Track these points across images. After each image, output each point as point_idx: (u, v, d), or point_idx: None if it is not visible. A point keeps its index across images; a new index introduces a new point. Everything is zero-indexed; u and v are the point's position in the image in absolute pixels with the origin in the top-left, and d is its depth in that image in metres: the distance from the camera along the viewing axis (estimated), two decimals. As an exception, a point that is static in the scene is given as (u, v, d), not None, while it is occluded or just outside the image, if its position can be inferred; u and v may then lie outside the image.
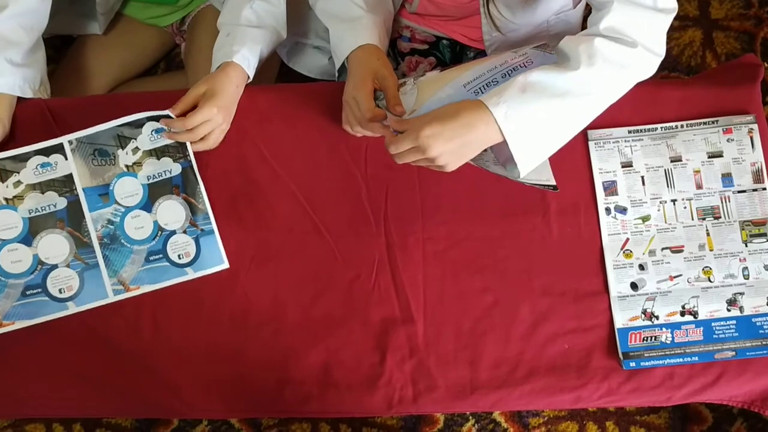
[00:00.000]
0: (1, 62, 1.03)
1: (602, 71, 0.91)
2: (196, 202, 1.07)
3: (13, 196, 1.04)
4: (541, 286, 1.07)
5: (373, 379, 1.06)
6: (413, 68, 1.31)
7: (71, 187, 1.05)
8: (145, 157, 1.06)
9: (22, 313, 1.04)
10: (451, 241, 1.08)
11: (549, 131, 0.92)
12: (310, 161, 1.10)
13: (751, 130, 1.09)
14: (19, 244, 1.04)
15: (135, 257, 1.06)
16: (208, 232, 1.07)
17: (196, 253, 1.06)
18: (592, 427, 1.53)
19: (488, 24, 1.13)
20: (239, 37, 1.08)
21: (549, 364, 1.05)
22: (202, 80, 1.05)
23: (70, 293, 1.04)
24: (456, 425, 1.53)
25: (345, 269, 1.08)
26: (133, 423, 1.55)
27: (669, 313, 1.05)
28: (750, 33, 1.69)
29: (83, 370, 1.06)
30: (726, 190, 1.08)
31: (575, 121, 0.93)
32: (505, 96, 0.88)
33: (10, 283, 1.04)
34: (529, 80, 0.89)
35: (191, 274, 1.06)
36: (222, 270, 1.07)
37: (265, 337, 1.06)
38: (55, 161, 1.04)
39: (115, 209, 1.06)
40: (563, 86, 0.90)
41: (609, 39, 0.92)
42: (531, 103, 0.88)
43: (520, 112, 0.88)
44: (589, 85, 0.91)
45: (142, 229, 1.06)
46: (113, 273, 1.05)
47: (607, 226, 1.08)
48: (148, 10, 1.40)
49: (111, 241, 1.05)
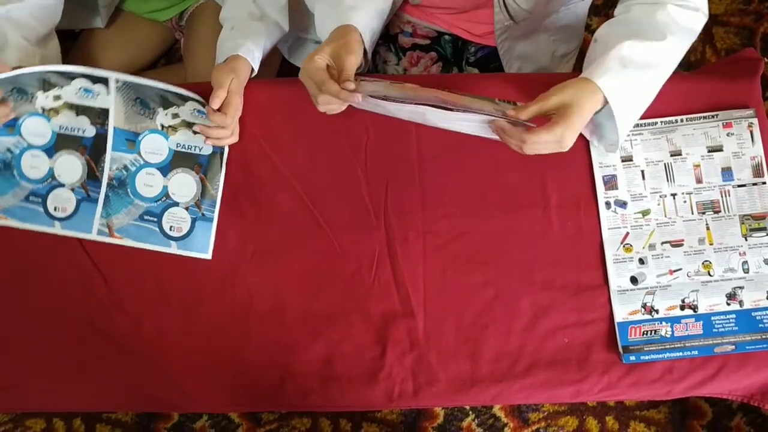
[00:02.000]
0: (17, 38, 1.05)
1: (682, 39, 0.97)
2: (210, 186, 1.08)
3: (50, 107, 1.05)
4: (541, 280, 1.07)
5: (374, 373, 1.06)
6: (415, 63, 1.31)
7: (104, 121, 1.06)
8: (182, 126, 1.07)
9: (17, 214, 1.06)
10: (452, 235, 1.08)
11: (643, 99, 0.98)
12: (310, 155, 1.11)
13: (751, 125, 1.09)
14: (41, 152, 1.06)
15: (132, 209, 1.07)
16: (207, 219, 1.08)
17: (188, 233, 1.07)
18: (591, 421, 1.53)
19: (502, 12, 1.13)
20: (244, 30, 1.09)
21: (549, 357, 1.05)
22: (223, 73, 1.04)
23: (63, 215, 1.06)
24: (456, 420, 1.54)
25: (345, 263, 1.08)
26: (134, 417, 1.55)
27: (669, 307, 1.05)
28: (750, 28, 1.69)
29: (84, 364, 1.07)
30: (726, 184, 1.08)
31: (659, 87, 0.99)
32: (611, 72, 0.93)
33: (21, 184, 1.06)
34: (625, 54, 0.94)
35: (173, 249, 1.07)
36: (201, 258, 1.07)
37: (266, 331, 1.06)
38: (98, 92, 1.05)
39: (135, 159, 1.07)
40: (655, 58, 0.96)
41: (678, 6, 0.97)
42: (631, 75, 0.94)
43: (624, 85, 0.94)
44: (674, 53, 0.97)
45: (151, 188, 1.08)
46: (106, 214, 1.07)
47: (607, 220, 1.08)
48: (148, 4, 1.40)
49: (118, 185, 1.07)
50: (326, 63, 0.95)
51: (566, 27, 1.25)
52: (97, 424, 1.55)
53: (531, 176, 1.09)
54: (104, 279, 1.08)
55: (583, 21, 1.28)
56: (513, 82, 1.12)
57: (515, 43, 1.23)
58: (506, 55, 1.25)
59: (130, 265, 1.08)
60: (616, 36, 0.97)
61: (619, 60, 0.94)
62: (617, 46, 0.94)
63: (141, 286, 1.08)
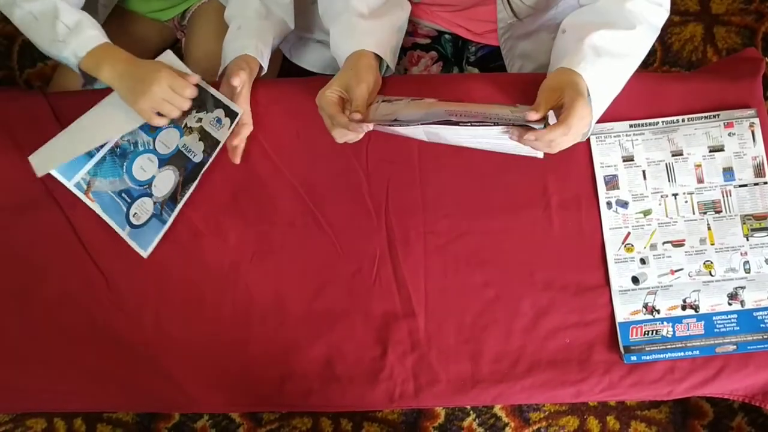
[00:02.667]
0: None
1: (647, 30, 0.99)
2: (180, 192, 1.08)
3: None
4: (542, 280, 1.07)
5: (375, 373, 1.06)
6: (415, 63, 1.31)
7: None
8: (197, 131, 1.07)
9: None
10: (453, 235, 1.08)
11: (615, 88, 0.99)
12: (311, 156, 1.11)
13: (753, 124, 1.09)
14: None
15: (117, 182, 1.07)
16: (162, 220, 1.08)
17: (142, 225, 1.08)
18: (593, 421, 1.53)
19: (505, 9, 1.13)
20: (251, 29, 1.09)
21: (550, 358, 1.05)
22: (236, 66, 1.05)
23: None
24: (457, 419, 1.54)
25: (346, 263, 1.08)
26: (134, 417, 1.55)
27: (670, 307, 1.05)
28: (751, 28, 1.69)
29: (85, 364, 1.07)
30: (727, 184, 1.08)
31: (627, 78, 1.00)
32: (587, 60, 0.95)
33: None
34: (597, 44, 0.96)
35: (123, 233, 1.07)
36: (137, 253, 1.07)
37: (267, 331, 1.06)
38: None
39: (148, 142, 1.08)
40: (626, 47, 0.97)
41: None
42: (605, 64, 0.95)
43: (599, 74, 0.95)
44: (642, 44, 0.99)
45: (143, 172, 1.08)
46: (94, 172, 1.06)
47: (609, 220, 1.08)
48: (150, 4, 1.40)
49: (119, 155, 1.07)
50: (338, 95, 0.98)
51: None
52: (97, 424, 1.55)
53: (532, 176, 1.09)
54: (105, 279, 1.08)
55: None
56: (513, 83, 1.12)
57: (517, 42, 1.23)
58: (509, 54, 1.25)
59: (131, 265, 1.08)
60: (588, 25, 0.98)
61: (593, 49, 0.95)
62: (590, 35, 0.96)
63: (142, 287, 1.08)
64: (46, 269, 1.08)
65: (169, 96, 1.01)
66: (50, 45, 1.05)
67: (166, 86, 1.00)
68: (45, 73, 1.67)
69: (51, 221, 1.09)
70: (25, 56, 1.70)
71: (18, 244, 1.09)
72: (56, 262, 1.08)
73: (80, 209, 1.07)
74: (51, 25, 1.03)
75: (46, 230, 1.09)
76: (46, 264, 1.08)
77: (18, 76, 1.69)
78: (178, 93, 1.01)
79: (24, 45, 1.70)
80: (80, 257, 1.08)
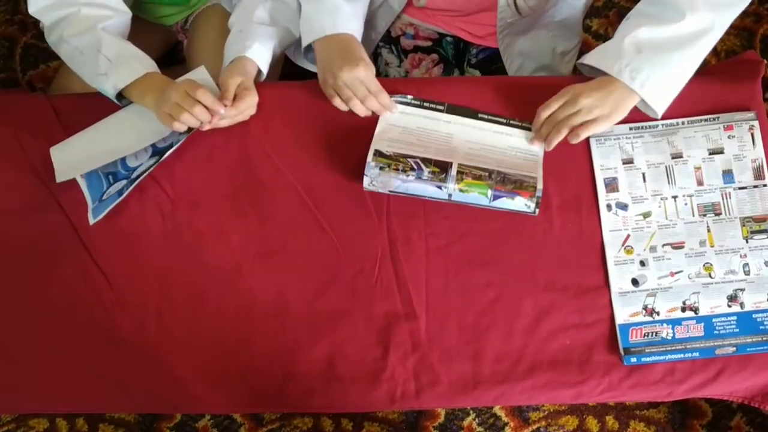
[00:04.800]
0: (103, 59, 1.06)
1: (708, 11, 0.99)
2: (144, 173, 1.07)
3: None
4: (542, 282, 1.07)
5: (376, 374, 1.06)
6: (416, 65, 1.31)
7: None
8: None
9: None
10: (454, 236, 1.08)
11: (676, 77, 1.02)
12: (312, 157, 1.11)
13: (752, 127, 1.09)
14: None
15: (110, 165, 1.09)
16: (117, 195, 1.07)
17: (104, 200, 1.07)
18: (592, 421, 1.53)
19: (510, 8, 1.13)
20: (251, 33, 1.09)
21: (551, 359, 1.06)
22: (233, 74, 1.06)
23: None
24: (457, 419, 1.54)
25: (348, 264, 1.08)
26: (137, 417, 1.56)
27: (670, 308, 1.06)
28: (750, 30, 1.70)
29: (87, 365, 1.07)
30: (727, 186, 1.09)
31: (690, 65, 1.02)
32: (626, 59, 0.99)
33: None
34: (640, 39, 0.99)
35: (89, 203, 1.08)
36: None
37: (269, 332, 1.07)
38: None
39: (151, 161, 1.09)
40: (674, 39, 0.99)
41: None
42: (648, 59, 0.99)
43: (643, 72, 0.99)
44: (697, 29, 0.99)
45: (135, 160, 1.09)
46: None
47: (609, 222, 1.08)
48: (160, 10, 1.41)
49: None
50: None
51: (564, 22, 1.25)
52: (100, 424, 1.55)
53: (533, 178, 1.09)
54: (107, 280, 1.08)
55: (581, 17, 1.28)
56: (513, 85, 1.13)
57: (515, 40, 1.23)
58: (507, 51, 1.26)
59: (132, 266, 1.08)
60: (632, 24, 1.01)
61: (633, 46, 0.99)
62: (634, 32, 0.99)
63: (144, 287, 1.08)
64: (49, 271, 1.09)
65: (188, 103, 1.00)
66: (93, 79, 1.07)
67: (183, 91, 1.01)
68: (47, 75, 1.68)
69: (54, 223, 1.09)
70: (28, 58, 1.71)
71: (22, 246, 1.09)
72: (59, 264, 1.08)
73: (83, 211, 1.08)
74: (94, 58, 1.05)
75: (49, 232, 1.09)
76: (50, 266, 1.09)
77: (21, 77, 1.70)
78: (191, 95, 1.01)
79: (26, 47, 1.71)
80: (83, 259, 1.08)
